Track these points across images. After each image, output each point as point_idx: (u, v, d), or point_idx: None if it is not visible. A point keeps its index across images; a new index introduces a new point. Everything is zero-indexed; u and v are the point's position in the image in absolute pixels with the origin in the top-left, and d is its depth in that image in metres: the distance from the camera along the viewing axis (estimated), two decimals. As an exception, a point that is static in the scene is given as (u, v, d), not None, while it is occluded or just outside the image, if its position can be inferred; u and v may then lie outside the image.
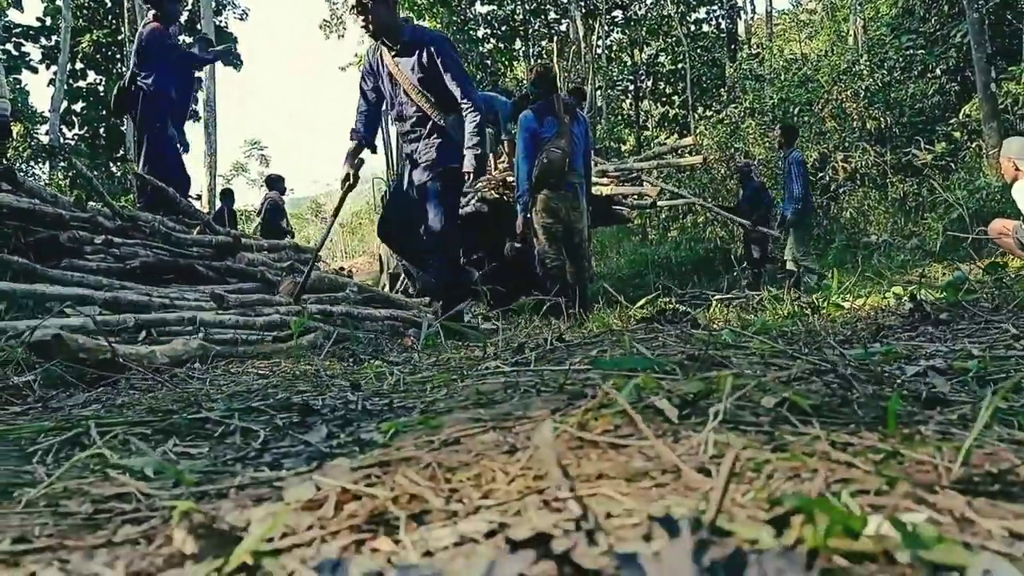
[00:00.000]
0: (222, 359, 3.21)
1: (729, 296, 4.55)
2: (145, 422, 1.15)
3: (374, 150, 5.31)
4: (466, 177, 4.95)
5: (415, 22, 5.22)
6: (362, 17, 4.64)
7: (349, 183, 5.11)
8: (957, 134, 13.67)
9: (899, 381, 1.13)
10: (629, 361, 1.12)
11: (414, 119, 4.93)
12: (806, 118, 14.50)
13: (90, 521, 0.74)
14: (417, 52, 4.76)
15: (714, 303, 4.00)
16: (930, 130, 14.16)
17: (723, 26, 27.32)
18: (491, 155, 9.87)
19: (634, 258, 16.80)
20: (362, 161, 5.15)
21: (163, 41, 7.30)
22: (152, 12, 7.42)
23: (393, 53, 4.83)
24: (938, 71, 15.37)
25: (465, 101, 4.77)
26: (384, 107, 5.26)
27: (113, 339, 2.91)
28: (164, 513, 0.73)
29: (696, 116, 22.91)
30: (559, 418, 0.83)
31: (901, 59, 15.41)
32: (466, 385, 1.27)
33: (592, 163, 6.77)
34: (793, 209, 9.23)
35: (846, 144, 14.25)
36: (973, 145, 13.15)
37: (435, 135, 4.89)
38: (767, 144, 14.80)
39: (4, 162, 6.78)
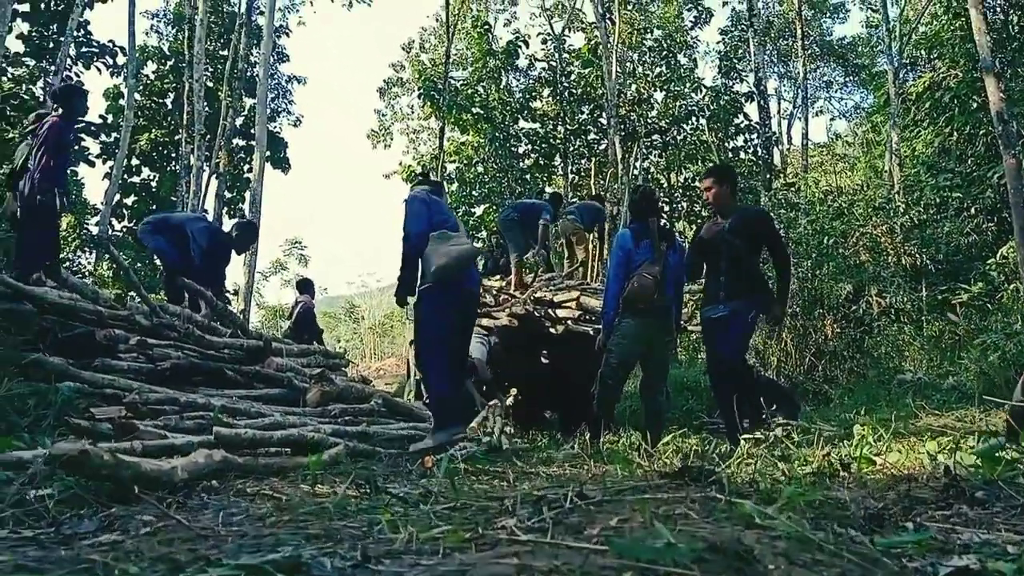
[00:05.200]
0: (241, 474, 3.18)
1: (756, 437, 4.41)
2: (149, 582, 1.13)
3: None
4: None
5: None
6: None
7: None
8: (995, 274, 13.51)
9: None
10: (647, 550, 1.08)
11: None
12: (840, 250, 14.48)
13: None
14: None
15: (742, 446, 3.90)
16: (967, 269, 14.06)
17: (760, 153, 27.87)
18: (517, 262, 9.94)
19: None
20: None
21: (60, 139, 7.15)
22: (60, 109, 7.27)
23: None
24: (974, 210, 15.40)
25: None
26: None
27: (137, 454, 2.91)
28: None
29: (730, 241, 22.96)
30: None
31: (937, 198, 15.49)
32: (479, 560, 1.24)
33: (683, 290, 6.49)
34: None
35: (881, 279, 14.17)
36: (1011, 288, 12.97)
37: None
38: (799, 273, 14.72)
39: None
